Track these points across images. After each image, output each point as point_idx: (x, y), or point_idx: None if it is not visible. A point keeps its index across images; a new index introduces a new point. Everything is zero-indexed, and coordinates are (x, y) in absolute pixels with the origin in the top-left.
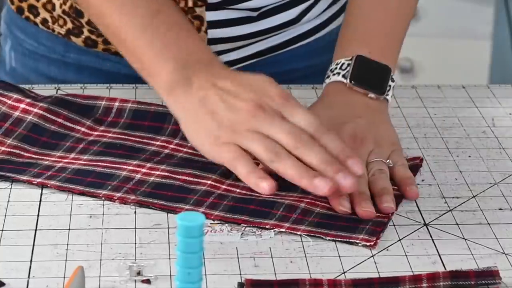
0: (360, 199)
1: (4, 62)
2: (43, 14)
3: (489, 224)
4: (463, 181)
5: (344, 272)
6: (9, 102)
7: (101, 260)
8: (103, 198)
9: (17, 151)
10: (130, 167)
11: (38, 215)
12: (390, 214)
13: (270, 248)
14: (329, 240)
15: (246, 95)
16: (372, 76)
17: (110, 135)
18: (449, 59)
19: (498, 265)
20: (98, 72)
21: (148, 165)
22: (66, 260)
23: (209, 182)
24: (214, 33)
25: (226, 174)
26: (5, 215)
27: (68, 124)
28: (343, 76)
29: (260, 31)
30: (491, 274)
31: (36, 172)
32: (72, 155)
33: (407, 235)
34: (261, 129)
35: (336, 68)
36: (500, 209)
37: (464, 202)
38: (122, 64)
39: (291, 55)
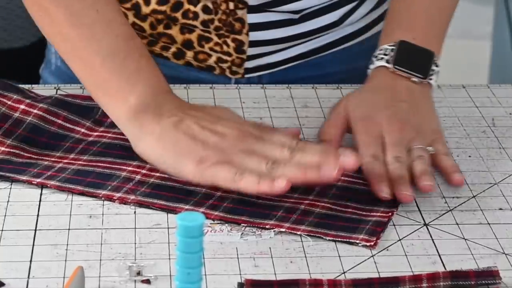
0: (399, 183)
1: (50, 62)
2: None
3: (489, 224)
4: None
5: (344, 272)
6: (9, 102)
7: (101, 260)
8: (103, 198)
9: (17, 151)
10: (130, 168)
11: (37, 215)
12: (390, 214)
13: (270, 248)
14: (329, 240)
15: (226, 122)
16: (415, 60)
17: (109, 135)
18: (449, 59)
19: (498, 265)
20: None
21: (148, 165)
22: (66, 260)
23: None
24: (256, 35)
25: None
26: (5, 215)
27: (68, 125)
28: (387, 61)
29: (301, 33)
30: (491, 274)
31: (36, 172)
32: (72, 156)
33: (407, 235)
34: (254, 149)
35: (380, 54)
36: (500, 209)
37: (464, 202)
38: (166, 65)
39: (333, 57)
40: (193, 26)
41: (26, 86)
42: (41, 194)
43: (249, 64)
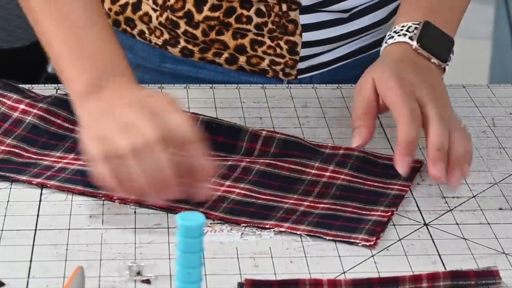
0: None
1: None
2: (140, 26)
3: (489, 224)
4: (463, 181)
5: (344, 272)
6: (9, 102)
7: (101, 260)
8: (103, 198)
9: (17, 151)
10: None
11: (38, 215)
12: (390, 214)
13: (270, 248)
14: (329, 240)
15: (147, 123)
16: (437, 43)
17: None
18: None
19: (498, 265)
20: (193, 80)
21: None
22: (66, 260)
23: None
24: (308, 36)
25: (225, 176)
26: (5, 215)
27: (68, 125)
28: (410, 37)
29: (351, 32)
30: (491, 274)
31: (35, 172)
32: (72, 156)
33: (407, 235)
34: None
35: (402, 30)
36: (500, 209)
37: (464, 202)
38: (217, 71)
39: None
40: (246, 30)
41: (26, 86)
42: (41, 194)
43: (301, 65)
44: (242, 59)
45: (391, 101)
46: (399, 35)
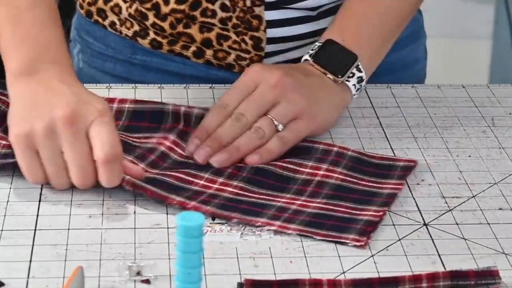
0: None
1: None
2: (111, 17)
3: (489, 224)
4: (463, 181)
5: (344, 272)
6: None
7: (100, 260)
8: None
9: None
10: (202, 182)
11: (37, 215)
12: (382, 214)
13: (269, 248)
14: (319, 240)
15: (64, 102)
16: (334, 59)
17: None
18: (449, 59)
19: (498, 265)
20: (163, 72)
21: (144, 162)
22: (65, 260)
23: (201, 182)
24: (273, 32)
25: (219, 173)
26: (5, 215)
27: None
28: (310, 55)
29: (319, 30)
30: (491, 274)
31: None
32: None
33: (407, 235)
34: (62, 145)
35: (312, 48)
36: (500, 209)
37: (464, 202)
38: (186, 64)
39: None
40: (211, 25)
41: None
42: (40, 194)
43: (268, 61)
44: (209, 53)
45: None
46: (307, 53)
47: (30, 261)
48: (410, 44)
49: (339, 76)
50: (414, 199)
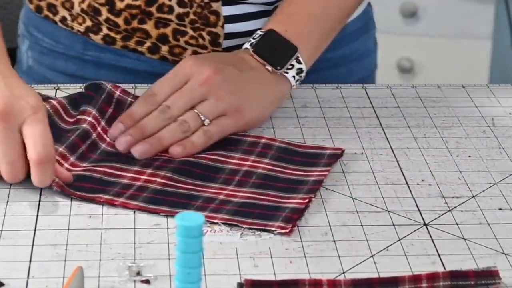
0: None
1: (21, 62)
2: (62, 12)
3: (489, 224)
4: (463, 181)
5: (343, 272)
6: None
7: (100, 260)
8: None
9: None
10: (130, 174)
11: (37, 215)
12: (307, 201)
13: (269, 248)
14: (246, 228)
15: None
16: (275, 51)
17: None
18: (449, 59)
19: (498, 265)
20: (116, 69)
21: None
22: (65, 260)
23: (129, 174)
24: (231, 27)
25: (147, 165)
26: (5, 215)
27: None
28: (250, 44)
29: None
30: (490, 274)
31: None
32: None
33: (407, 235)
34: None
35: (253, 37)
36: (500, 209)
37: (464, 202)
38: (140, 60)
39: None
40: (168, 20)
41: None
42: (40, 194)
43: None
44: (164, 49)
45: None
46: (248, 42)
47: (30, 261)
48: (362, 36)
49: (278, 68)
50: (414, 199)
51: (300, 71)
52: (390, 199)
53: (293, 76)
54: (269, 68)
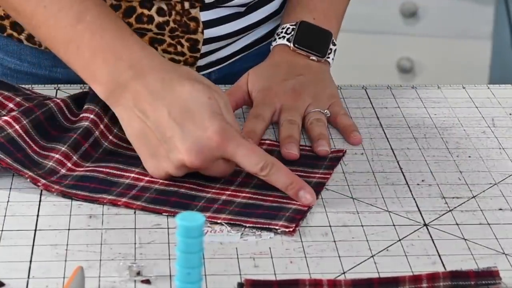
0: (286, 141)
1: None
2: None
3: (489, 224)
4: (463, 181)
5: (344, 272)
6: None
7: (100, 260)
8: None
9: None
10: (133, 174)
11: (37, 215)
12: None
13: (270, 248)
14: (249, 227)
15: (207, 122)
16: (314, 40)
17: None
18: (449, 59)
19: (498, 265)
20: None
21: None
22: (65, 260)
23: (132, 175)
24: (210, 32)
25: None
26: (5, 215)
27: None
28: (288, 40)
29: (248, 26)
30: (491, 274)
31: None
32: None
33: (407, 235)
34: (229, 152)
35: (282, 32)
36: (500, 209)
37: (464, 202)
38: None
39: None
40: (147, 30)
41: (26, 86)
42: (41, 194)
43: (201, 62)
44: None
45: (253, 100)
46: (279, 37)
47: (30, 261)
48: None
49: (321, 55)
50: (414, 199)
51: (334, 52)
52: (390, 199)
53: (333, 59)
54: (314, 58)
